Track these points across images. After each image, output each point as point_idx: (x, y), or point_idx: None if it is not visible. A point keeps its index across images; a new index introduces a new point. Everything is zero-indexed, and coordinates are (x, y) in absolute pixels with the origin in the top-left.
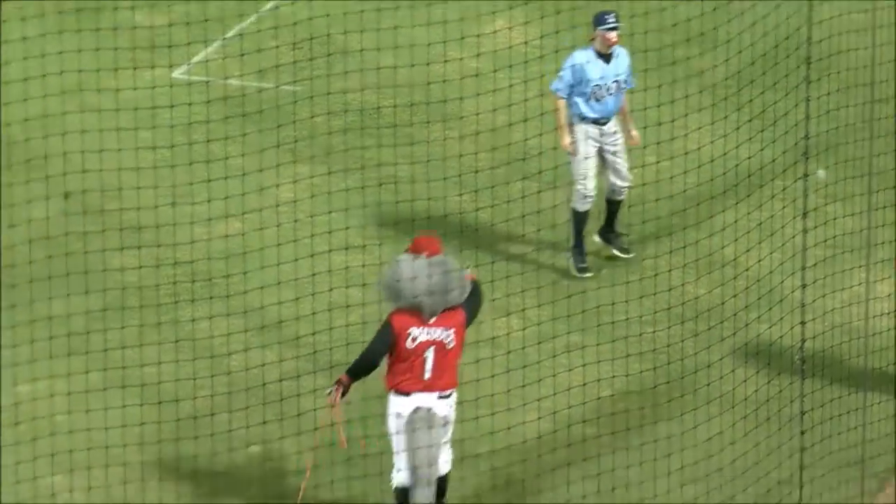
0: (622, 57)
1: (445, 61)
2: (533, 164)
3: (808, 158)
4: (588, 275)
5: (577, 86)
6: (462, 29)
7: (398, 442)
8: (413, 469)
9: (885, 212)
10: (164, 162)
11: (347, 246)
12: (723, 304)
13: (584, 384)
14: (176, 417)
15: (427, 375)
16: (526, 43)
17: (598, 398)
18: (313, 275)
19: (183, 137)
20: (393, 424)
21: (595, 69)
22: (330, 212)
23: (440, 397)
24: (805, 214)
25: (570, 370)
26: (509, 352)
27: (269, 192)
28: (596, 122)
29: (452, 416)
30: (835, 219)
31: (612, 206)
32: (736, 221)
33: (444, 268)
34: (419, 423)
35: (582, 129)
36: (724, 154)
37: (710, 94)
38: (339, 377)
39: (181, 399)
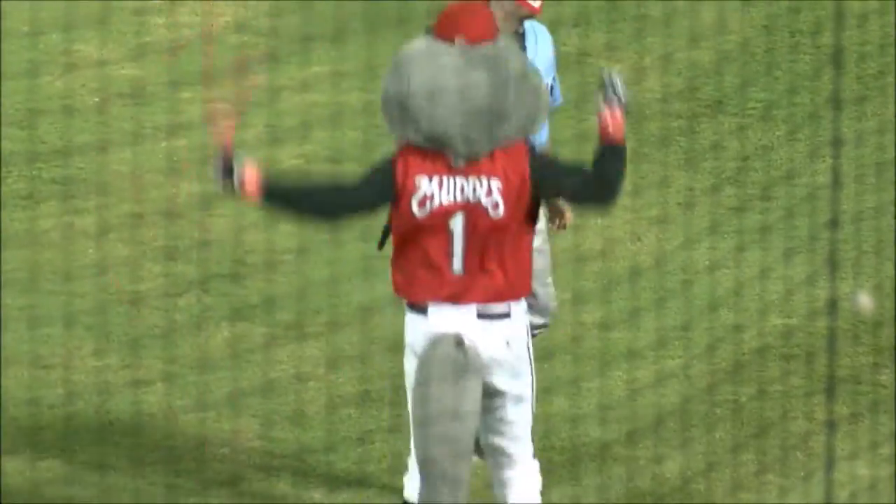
0: (542, 40)
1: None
2: None
3: None
4: None
5: None
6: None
7: (413, 407)
8: (422, 463)
9: None
10: None
11: None
12: None
13: None
14: None
15: (457, 268)
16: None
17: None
18: None
19: None
20: (409, 369)
21: None
22: None
23: (482, 316)
24: None
25: None
26: None
27: None
28: None
29: (520, 367)
30: None
31: None
32: None
33: (497, 67)
34: (439, 369)
35: None
36: None
37: None
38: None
39: None
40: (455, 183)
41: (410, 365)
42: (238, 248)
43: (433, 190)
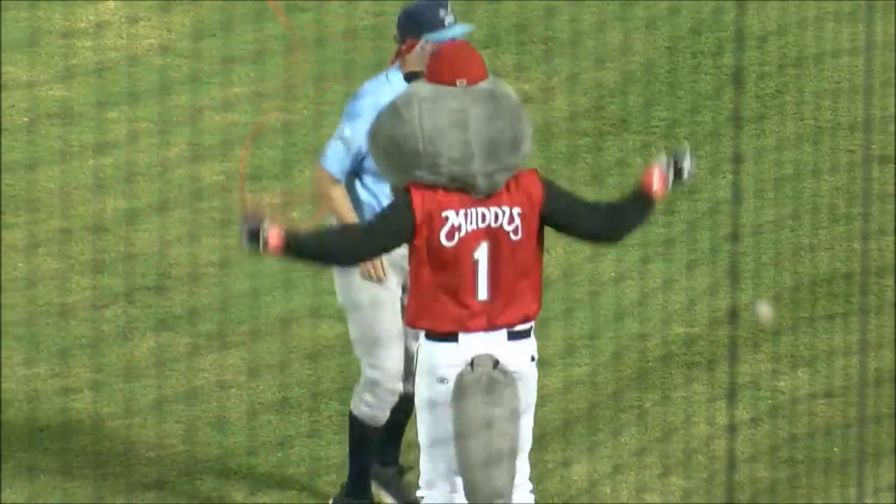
0: None
1: None
2: None
3: None
4: None
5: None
6: (32, 22)
7: (431, 428)
8: (465, 475)
9: None
10: None
11: None
12: None
13: None
14: None
15: (483, 296)
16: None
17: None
18: None
19: None
20: (425, 394)
21: None
22: None
23: (512, 337)
24: None
25: None
26: None
27: None
28: None
29: (533, 380)
30: None
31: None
32: None
33: (501, 100)
34: (474, 390)
35: None
36: None
37: None
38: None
39: None
40: (478, 213)
41: (431, 391)
42: (162, 261)
43: (460, 221)
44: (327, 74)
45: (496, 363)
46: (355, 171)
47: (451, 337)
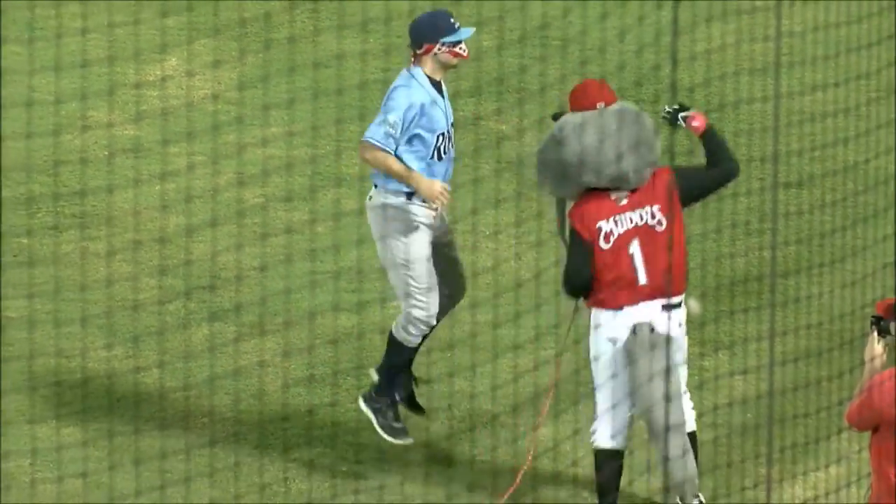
0: (444, 90)
1: (85, 127)
2: None
3: None
4: (408, 440)
5: (415, 137)
6: (111, 76)
7: (604, 381)
8: (649, 414)
9: None
10: None
11: None
12: None
13: None
14: None
15: (642, 280)
16: (215, 96)
17: None
18: None
19: None
20: (602, 353)
21: (439, 109)
22: None
23: (665, 308)
24: None
25: None
26: None
27: None
28: None
29: (684, 339)
30: None
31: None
32: None
33: (630, 113)
34: (641, 351)
35: (413, 210)
36: None
37: None
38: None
39: None
40: (626, 217)
41: (604, 347)
42: (214, 266)
43: (611, 227)
44: (345, 118)
45: (652, 329)
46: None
47: (617, 308)
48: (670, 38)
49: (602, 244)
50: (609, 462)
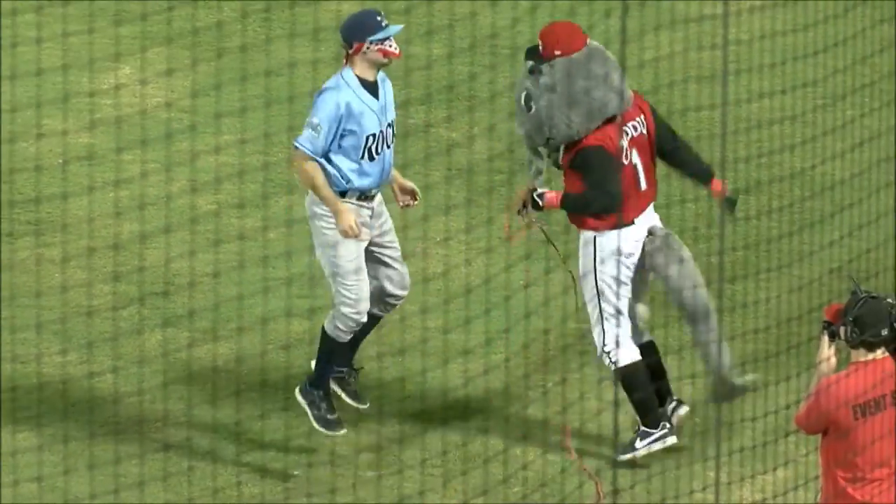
0: (387, 86)
1: (40, 135)
2: None
3: None
4: (341, 431)
5: (344, 138)
6: (66, 85)
7: (605, 289)
8: (684, 302)
9: None
10: None
11: None
12: None
13: None
14: None
15: (643, 185)
16: (168, 104)
17: None
18: None
19: None
20: (613, 272)
21: (369, 110)
22: None
23: (654, 210)
24: None
25: None
26: None
27: None
28: (365, 195)
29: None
30: None
31: (370, 323)
32: None
33: (602, 49)
34: (660, 251)
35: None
36: None
37: None
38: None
39: None
40: (622, 132)
41: (610, 264)
42: (167, 272)
43: (623, 143)
44: (297, 125)
45: (662, 231)
46: (324, 154)
47: (631, 222)
48: (619, 46)
49: (623, 160)
50: (636, 375)
